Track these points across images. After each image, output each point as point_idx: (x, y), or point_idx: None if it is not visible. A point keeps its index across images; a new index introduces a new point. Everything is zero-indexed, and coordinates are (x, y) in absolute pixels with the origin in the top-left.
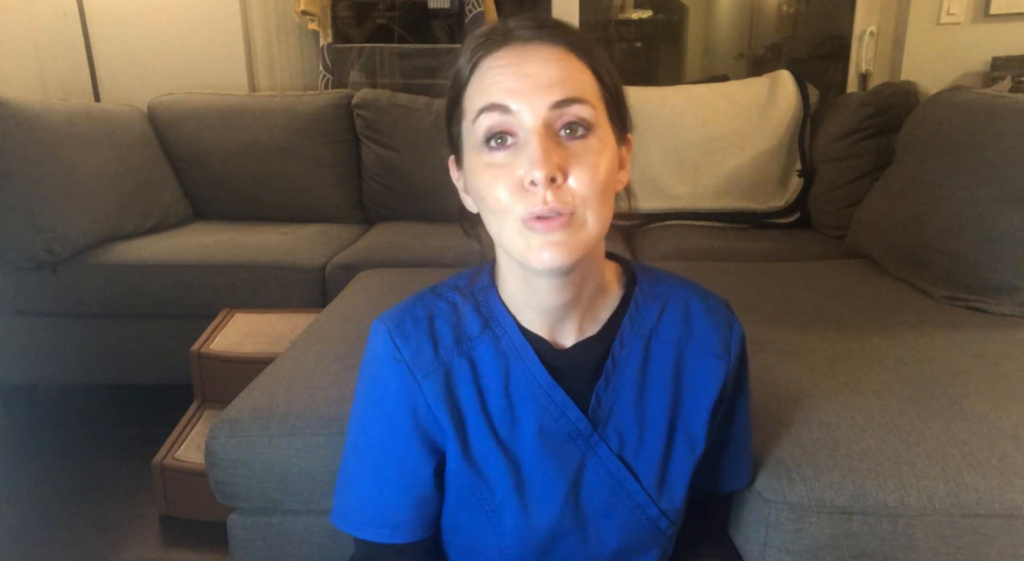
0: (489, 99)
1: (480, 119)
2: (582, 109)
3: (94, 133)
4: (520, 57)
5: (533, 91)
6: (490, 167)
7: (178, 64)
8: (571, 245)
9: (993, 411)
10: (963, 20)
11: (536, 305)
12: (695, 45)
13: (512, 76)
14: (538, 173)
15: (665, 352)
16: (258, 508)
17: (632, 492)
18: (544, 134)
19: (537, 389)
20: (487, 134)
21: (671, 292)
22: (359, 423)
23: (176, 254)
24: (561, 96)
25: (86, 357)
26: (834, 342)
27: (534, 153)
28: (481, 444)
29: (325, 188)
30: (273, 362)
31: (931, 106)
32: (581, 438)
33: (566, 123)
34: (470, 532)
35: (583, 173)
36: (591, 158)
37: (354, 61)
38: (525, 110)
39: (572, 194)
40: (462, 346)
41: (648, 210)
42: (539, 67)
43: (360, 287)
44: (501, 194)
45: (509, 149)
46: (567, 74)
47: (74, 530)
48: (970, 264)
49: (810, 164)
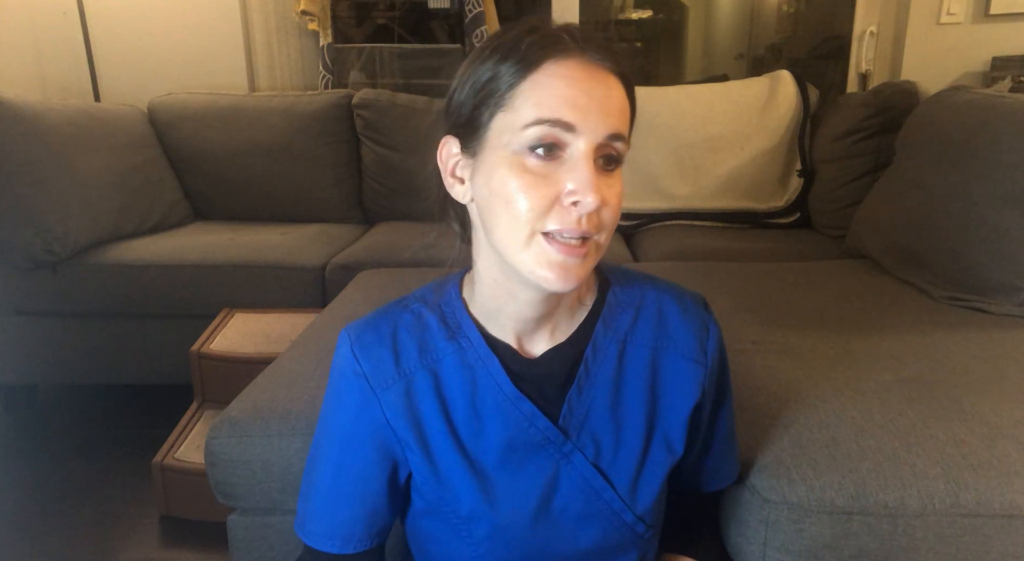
0: (556, 113)
1: (537, 127)
2: (623, 146)
3: (94, 133)
4: (591, 76)
5: (597, 117)
6: (527, 171)
7: (178, 64)
8: (581, 272)
9: (993, 411)
10: (963, 20)
11: (511, 314)
12: (695, 45)
13: (582, 94)
14: (590, 199)
15: (641, 356)
16: (258, 508)
17: (609, 501)
18: (593, 159)
19: (504, 400)
20: (538, 142)
21: (645, 294)
22: (319, 433)
23: (176, 254)
24: (615, 130)
25: (86, 357)
26: (834, 342)
27: (585, 177)
28: (445, 457)
29: (325, 188)
30: (273, 362)
31: (931, 106)
32: (553, 447)
33: (605, 154)
34: (442, 541)
35: (613, 206)
36: (619, 190)
37: (354, 61)
38: (585, 132)
39: (600, 222)
40: (425, 358)
41: (648, 210)
42: (605, 92)
43: (360, 287)
44: (532, 201)
45: (551, 161)
46: (622, 108)
47: (74, 530)
48: (970, 264)
49: (810, 164)
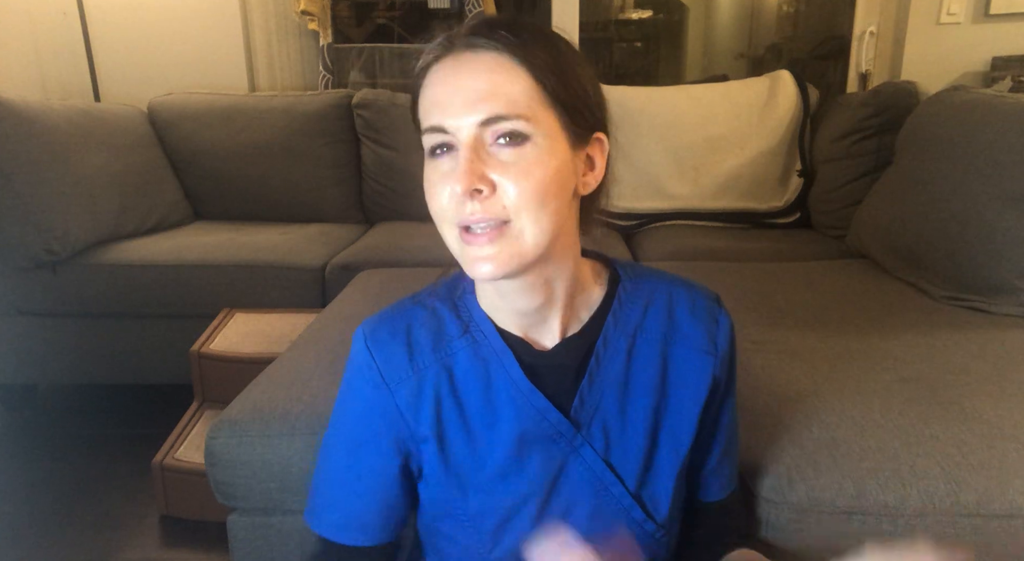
0: (429, 120)
1: (426, 137)
2: (509, 124)
3: (94, 133)
4: (455, 69)
5: (463, 108)
6: (434, 173)
7: (178, 64)
8: (504, 256)
9: (993, 411)
10: (963, 20)
11: (508, 308)
12: (695, 45)
13: (446, 93)
14: (458, 187)
15: (650, 350)
16: (258, 508)
17: (618, 496)
18: (472, 147)
19: (516, 393)
20: (433, 148)
21: (655, 288)
22: (334, 425)
23: (176, 254)
24: (487, 114)
25: (86, 357)
26: (834, 342)
27: (458, 167)
28: (458, 450)
29: (325, 188)
30: (273, 362)
31: (931, 106)
32: (564, 440)
33: (503, 133)
34: (454, 539)
35: (515, 182)
36: (524, 166)
37: (354, 61)
38: (456, 129)
39: (502, 204)
40: (440, 353)
41: (648, 210)
42: (470, 80)
43: (360, 287)
44: (442, 201)
45: (452, 157)
46: (495, 87)
47: (74, 530)
48: (970, 264)
49: (810, 164)
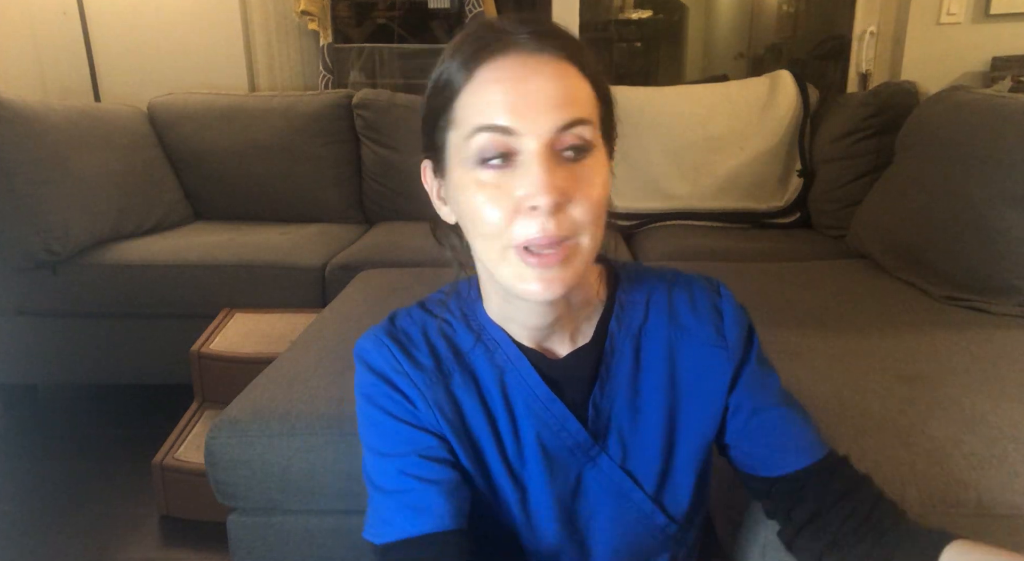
0: (490, 119)
1: (477, 137)
2: (585, 130)
3: (94, 133)
4: (522, 70)
5: (538, 111)
6: (483, 186)
7: (178, 64)
8: (566, 277)
9: (993, 411)
10: (963, 20)
11: (523, 321)
12: (695, 45)
13: (515, 93)
14: (542, 199)
15: (656, 351)
16: (258, 508)
17: (639, 503)
18: (548, 157)
19: (535, 402)
20: (484, 154)
21: (654, 288)
22: (371, 443)
23: (176, 254)
24: (569, 118)
25: (86, 357)
26: (834, 342)
27: (537, 177)
28: (488, 457)
29: (325, 188)
30: (273, 362)
31: (931, 106)
32: (581, 450)
33: (570, 146)
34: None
35: (584, 198)
36: (589, 178)
37: (354, 61)
38: (529, 132)
39: (573, 221)
40: (460, 359)
41: (648, 210)
42: (543, 83)
43: (360, 287)
44: (495, 217)
45: (506, 168)
46: (572, 92)
47: (74, 530)
48: (970, 264)
49: (810, 164)
